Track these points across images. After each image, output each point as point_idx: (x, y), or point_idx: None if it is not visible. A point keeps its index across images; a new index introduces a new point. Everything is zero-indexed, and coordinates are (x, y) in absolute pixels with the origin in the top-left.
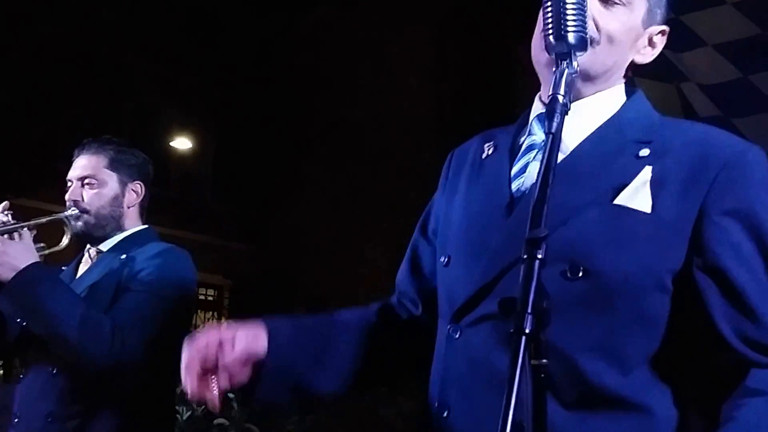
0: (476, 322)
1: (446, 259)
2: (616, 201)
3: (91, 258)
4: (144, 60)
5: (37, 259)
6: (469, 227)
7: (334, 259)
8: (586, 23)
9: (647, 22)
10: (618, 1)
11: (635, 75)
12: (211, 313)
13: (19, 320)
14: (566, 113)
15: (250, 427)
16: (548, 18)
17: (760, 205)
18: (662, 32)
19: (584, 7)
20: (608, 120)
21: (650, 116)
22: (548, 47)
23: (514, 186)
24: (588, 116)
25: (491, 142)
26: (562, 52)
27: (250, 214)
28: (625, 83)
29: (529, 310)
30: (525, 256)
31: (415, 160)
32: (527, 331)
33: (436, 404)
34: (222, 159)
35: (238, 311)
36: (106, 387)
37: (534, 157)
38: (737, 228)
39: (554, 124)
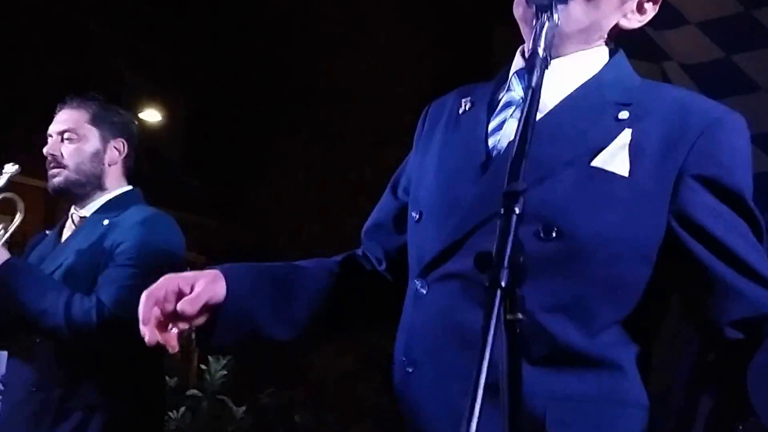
0: (444, 278)
1: (418, 215)
2: (594, 163)
3: (74, 223)
4: (108, 27)
5: (6, 256)
6: (443, 183)
7: (312, 232)
8: None
9: None
10: None
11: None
12: None
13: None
14: (546, 68)
15: (223, 398)
16: None
17: (740, 171)
18: (653, 0)
19: None
20: (588, 80)
21: (631, 78)
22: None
23: (491, 142)
24: (568, 75)
25: (468, 98)
26: (543, 4)
27: (224, 189)
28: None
29: (506, 264)
30: (502, 210)
31: (394, 129)
32: (503, 285)
33: (402, 361)
34: (192, 131)
35: None
36: (91, 356)
37: (512, 114)
38: (716, 195)
39: (534, 79)
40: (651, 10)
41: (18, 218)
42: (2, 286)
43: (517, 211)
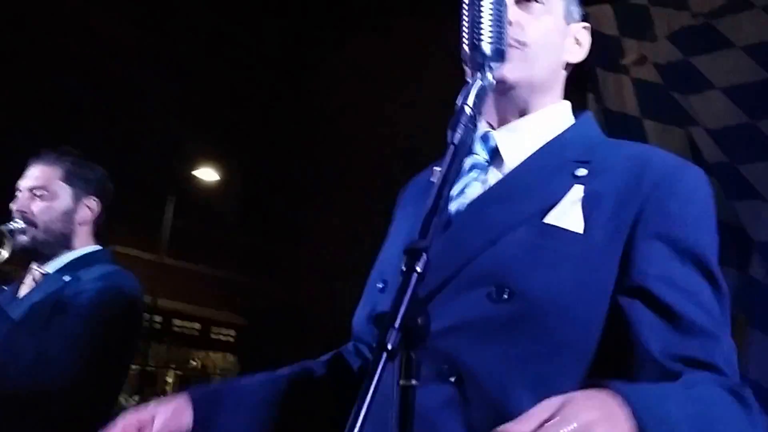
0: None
1: (382, 285)
2: (546, 220)
3: (34, 280)
4: (168, 85)
5: None
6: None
7: (351, 299)
8: (503, 33)
9: (568, 19)
10: (537, 0)
11: (644, 117)
12: (227, 354)
13: None
14: (474, 126)
15: None
16: (464, 26)
17: (695, 226)
18: (585, 28)
19: (501, 16)
20: (551, 140)
21: (594, 136)
22: (463, 57)
23: (453, 207)
24: (531, 136)
25: (440, 167)
26: (477, 63)
27: (277, 249)
28: (572, 104)
29: (396, 325)
30: (403, 268)
31: None
32: (389, 347)
33: None
34: (249, 191)
35: (257, 350)
36: (33, 414)
37: (475, 178)
38: (667, 249)
39: (457, 135)
40: (585, 38)
41: (4, 254)
42: None
43: (418, 269)
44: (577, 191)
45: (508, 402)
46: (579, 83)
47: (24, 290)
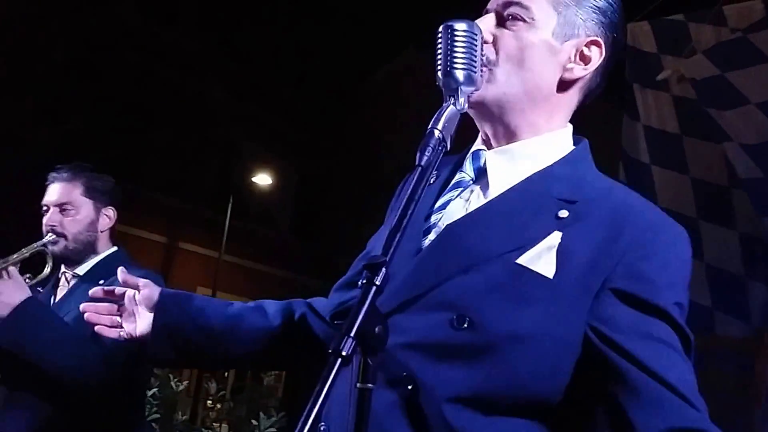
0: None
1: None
2: (519, 260)
3: (67, 281)
4: (229, 95)
5: (29, 294)
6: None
7: None
8: (475, 59)
9: (562, 35)
10: (518, 17)
11: (685, 134)
12: None
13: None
14: (444, 149)
15: None
16: (438, 53)
17: (668, 289)
18: (595, 43)
19: (475, 42)
20: (540, 170)
21: (585, 173)
22: (437, 83)
23: (432, 220)
24: (523, 160)
25: (437, 171)
26: (451, 88)
27: (327, 252)
28: (575, 131)
29: (352, 334)
30: (364, 280)
31: None
32: (344, 353)
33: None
34: (302, 196)
35: None
36: (92, 412)
37: (458, 195)
38: (638, 309)
39: (425, 158)
40: (596, 54)
41: (46, 271)
42: (23, 320)
43: (377, 282)
44: (555, 237)
45: (459, 426)
46: (613, 101)
47: (60, 292)
